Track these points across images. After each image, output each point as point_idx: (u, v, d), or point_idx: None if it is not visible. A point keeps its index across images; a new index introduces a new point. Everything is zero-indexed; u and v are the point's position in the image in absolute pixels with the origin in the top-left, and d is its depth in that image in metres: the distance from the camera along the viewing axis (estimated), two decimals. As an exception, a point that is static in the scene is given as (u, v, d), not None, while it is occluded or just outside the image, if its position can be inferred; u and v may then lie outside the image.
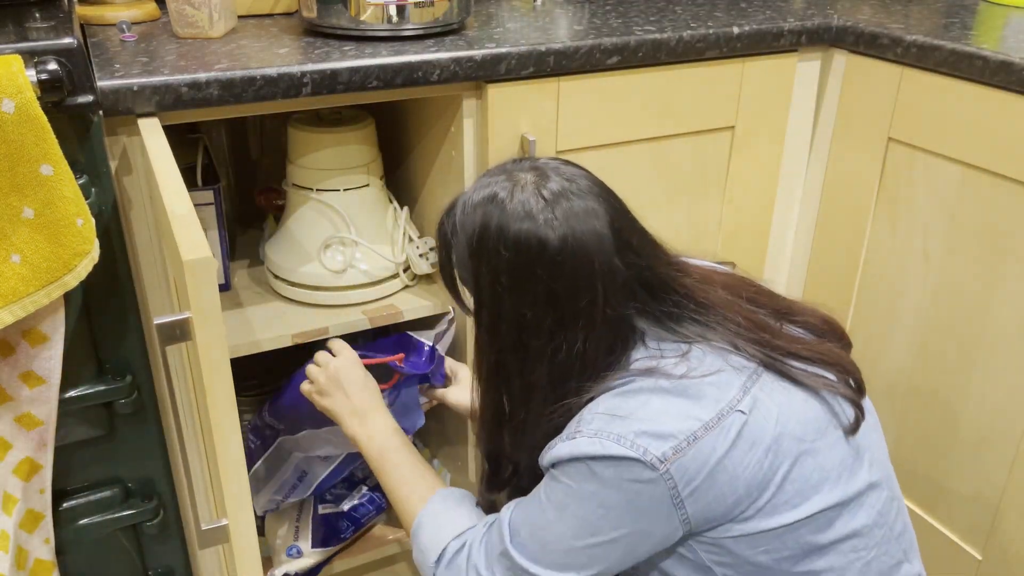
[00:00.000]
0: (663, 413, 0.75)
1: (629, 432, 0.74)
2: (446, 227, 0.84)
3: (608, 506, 0.76)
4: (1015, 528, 1.20)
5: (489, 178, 0.81)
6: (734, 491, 0.76)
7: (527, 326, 0.79)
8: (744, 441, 0.75)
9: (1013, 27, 1.24)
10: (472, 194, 0.81)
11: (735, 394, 0.77)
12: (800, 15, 1.30)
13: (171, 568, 1.16)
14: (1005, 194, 1.12)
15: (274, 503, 1.21)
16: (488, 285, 0.79)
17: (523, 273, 0.77)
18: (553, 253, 0.76)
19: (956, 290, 1.21)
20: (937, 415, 1.28)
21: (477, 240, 0.79)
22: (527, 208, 0.76)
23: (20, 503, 0.97)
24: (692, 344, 0.80)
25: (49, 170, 0.83)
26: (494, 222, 0.77)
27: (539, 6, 1.34)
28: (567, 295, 0.77)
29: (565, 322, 0.78)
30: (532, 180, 0.78)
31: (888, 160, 1.27)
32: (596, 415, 0.77)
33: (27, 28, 0.91)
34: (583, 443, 0.76)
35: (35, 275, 0.86)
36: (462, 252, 0.82)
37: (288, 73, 0.97)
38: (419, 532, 0.91)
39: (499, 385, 0.84)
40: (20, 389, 0.92)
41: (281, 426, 1.15)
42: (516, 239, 0.76)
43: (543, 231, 0.76)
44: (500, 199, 0.78)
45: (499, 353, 0.82)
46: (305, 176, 1.20)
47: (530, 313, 0.78)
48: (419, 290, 1.28)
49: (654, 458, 0.73)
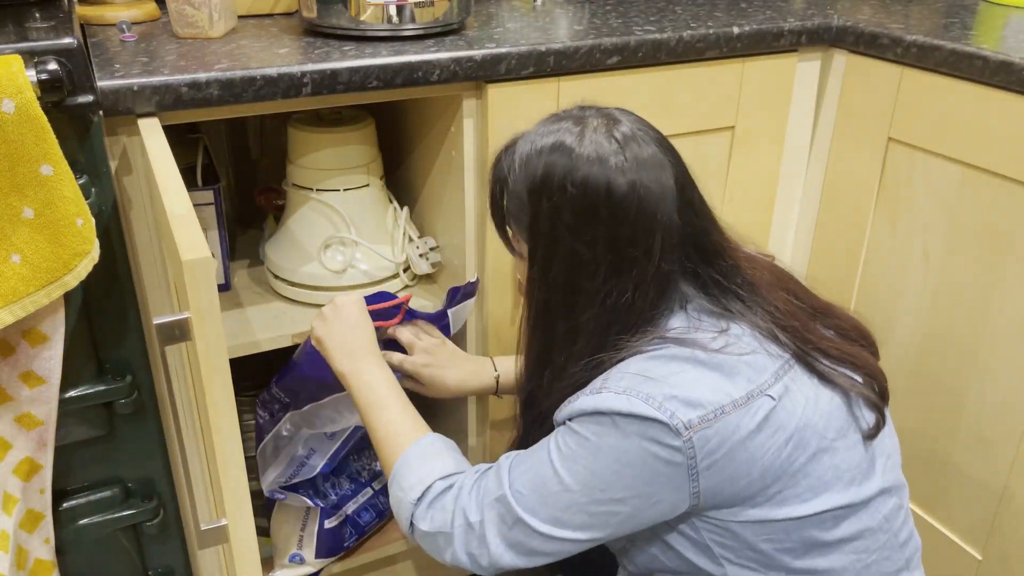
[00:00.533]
0: (695, 382, 0.74)
1: (659, 394, 0.74)
2: (503, 164, 0.84)
3: (623, 463, 0.75)
4: (1015, 528, 1.20)
5: (556, 123, 0.81)
6: (748, 474, 0.75)
7: (583, 267, 0.78)
8: (769, 426, 0.75)
9: (1013, 27, 1.24)
10: (537, 136, 0.80)
11: (767, 379, 0.77)
12: (800, 15, 1.30)
13: (171, 568, 1.16)
14: (1005, 194, 1.12)
15: (283, 480, 1.19)
16: (548, 224, 0.79)
17: (586, 215, 0.77)
18: (619, 198, 0.76)
19: (956, 290, 1.21)
20: (937, 415, 1.28)
21: (542, 180, 0.78)
22: (599, 151, 0.76)
23: (20, 503, 0.97)
24: (731, 321, 0.80)
25: (49, 170, 0.83)
26: (562, 163, 0.77)
27: (539, 6, 1.34)
28: (626, 241, 0.77)
29: (620, 268, 0.77)
30: (603, 124, 0.78)
31: (888, 160, 1.27)
32: (626, 374, 0.76)
33: (27, 28, 0.91)
34: (609, 398, 0.75)
35: (35, 275, 0.86)
36: (520, 190, 0.81)
37: (288, 73, 0.97)
38: (402, 469, 0.88)
39: (546, 325, 0.83)
40: (20, 389, 0.92)
41: (288, 399, 1.15)
42: (584, 181, 0.76)
43: (612, 175, 0.76)
44: (568, 143, 0.77)
45: (550, 292, 0.81)
46: (305, 176, 1.20)
47: (588, 255, 0.77)
48: (419, 290, 1.28)
49: (680, 423, 0.73)
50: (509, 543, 0.80)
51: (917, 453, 1.32)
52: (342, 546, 1.28)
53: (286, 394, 1.14)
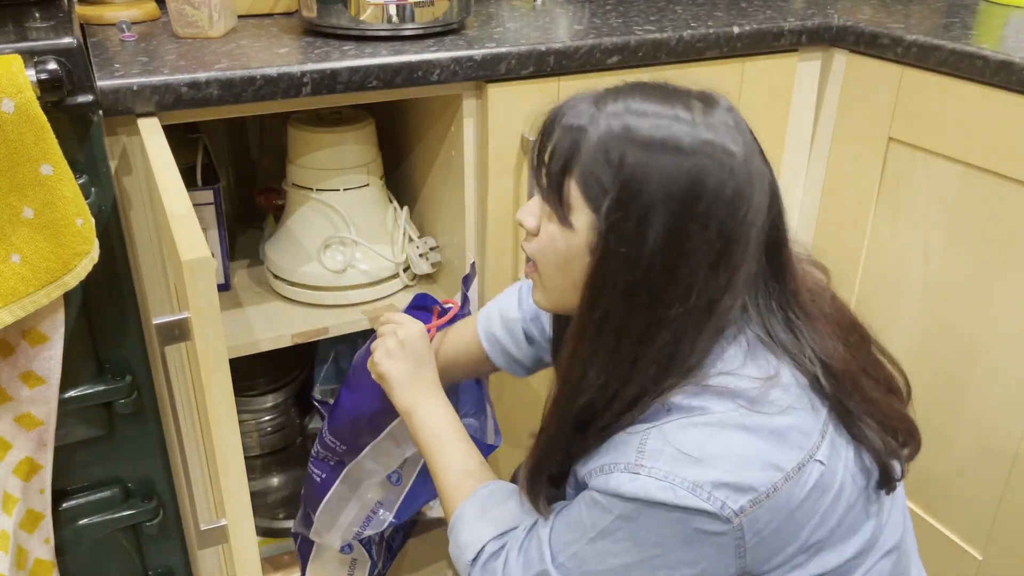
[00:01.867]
0: (744, 460, 0.69)
1: (706, 481, 0.68)
2: (581, 126, 0.71)
3: (667, 547, 0.71)
4: (1015, 528, 1.20)
5: (666, 105, 0.71)
6: (796, 539, 0.72)
7: (687, 253, 0.69)
8: (817, 490, 0.71)
9: (1013, 27, 1.24)
10: (634, 117, 0.70)
11: (815, 440, 0.72)
12: (800, 15, 1.30)
13: (171, 568, 1.16)
14: (1005, 194, 1.11)
15: (352, 534, 1.17)
16: (651, 197, 0.68)
17: (700, 196, 0.68)
18: (739, 182, 0.69)
19: (956, 290, 1.21)
20: (937, 415, 1.28)
21: (647, 167, 0.68)
22: (716, 136, 0.69)
23: (20, 503, 0.97)
24: (781, 361, 0.74)
25: (49, 170, 0.83)
26: (674, 157, 0.68)
27: (539, 6, 1.34)
28: (735, 233, 0.69)
29: (719, 262, 0.69)
30: (710, 106, 0.72)
31: (888, 160, 1.27)
32: (665, 448, 0.70)
33: (27, 28, 0.91)
34: (651, 486, 0.69)
35: (35, 275, 0.86)
36: (608, 157, 0.70)
37: (288, 73, 0.97)
38: (458, 526, 0.85)
39: (624, 312, 0.71)
40: (20, 389, 0.92)
41: (343, 447, 1.12)
42: (704, 168, 0.68)
43: (732, 161, 0.69)
44: (679, 132, 0.69)
45: (639, 274, 0.69)
46: (305, 176, 1.20)
47: (697, 239, 0.68)
48: (419, 290, 1.28)
49: (731, 512, 0.68)
50: None
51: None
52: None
53: (340, 440, 1.10)
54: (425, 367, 0.97)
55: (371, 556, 1.21)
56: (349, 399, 1.08)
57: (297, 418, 1.54)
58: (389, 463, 1.09)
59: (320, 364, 1.51)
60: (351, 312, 1.20)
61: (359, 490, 1.12)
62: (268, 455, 1.50)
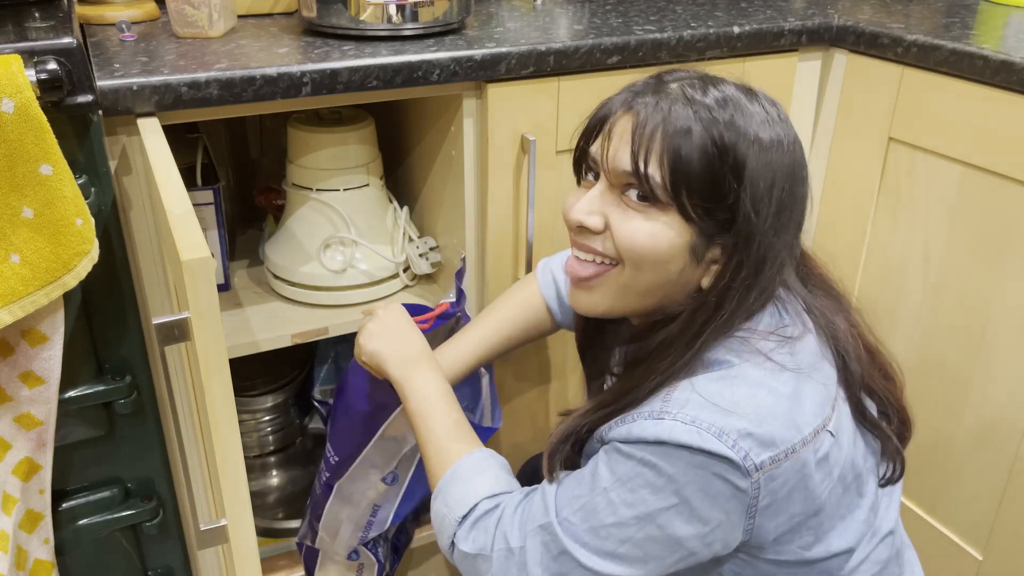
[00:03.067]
0: (768, 415, 0.69)
1: (732, 429, 0.68)
2: (686, 139, 0.72)
3: (684, 497, 0.70)
4: (1015, 528, 1.20)
5: (751, 106, 0.74)
6: (804, 511, 0.73)
7: (789, 227, 0.75)
8: (827, 464, 0.72)
9: (1013, 27, 1.24)
10: (735, 116, 0.72)
11: (828, 412, 0.73)
12: (800, 15, 1.30)
13: (170, 568, 1.16)
14: (1005, 194, 1.11)
15: (356, 540, 1.16)
16: (768, 209, 0.73)
17: (792, 200, 0.75)
18: (804, 164, 0.76)
19: (956, 290, 1.21)
20: (937, 415, 1.28)
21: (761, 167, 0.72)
22: (794, 134, 0.76)
23: (19, 503, 0.97)
24: (806, 329, 0.77)
25: (48, 170, 0.83)
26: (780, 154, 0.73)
27: (539, 6, 1.34)
28: (803, 204, 0.76)
29: (794, 244, 0.77)
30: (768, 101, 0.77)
31: (888, 160, 1.27)
32: (692, 397, 0.70)
33: (27, 28, 0.91)
34: (678, 428, 0.68)
35: (34, 275, 0.86)
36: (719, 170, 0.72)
37: (288, 73, 0.97)
38: (449, 484, 0.83)
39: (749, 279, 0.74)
40: (19, 389, 0.92)
41: (336, 458, 1.10)
42: (795, 166, 0.75)
43: (800, 150, 0.76)
44: (779, 136, 0.74)
45: (770, 250, 0.73)
46: (305, 176, 1.20)
47: (795, 213, 0.75)
48: (419, 290, 1.28)
49: (752, 465, 0.68)
50: (551, 574, 0.75)
51: (917, 453, 1.32)
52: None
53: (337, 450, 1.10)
54: (411, 339, 0.96)
55: (378, 559, 1.22)
56: (342, 405, 1.08)
57: (297, 418, 1.54)
58: (386, 464, 1.09)
59: (320, 364, 1.51)
60: (351, 312, 1.20)
61: (353, 500, 1.12)
62: (268, 455, 1.50)
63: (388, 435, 1.05)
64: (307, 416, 1.57)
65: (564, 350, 1.30)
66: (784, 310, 0.77)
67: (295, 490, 1.45)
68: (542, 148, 1.14)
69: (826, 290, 0.82)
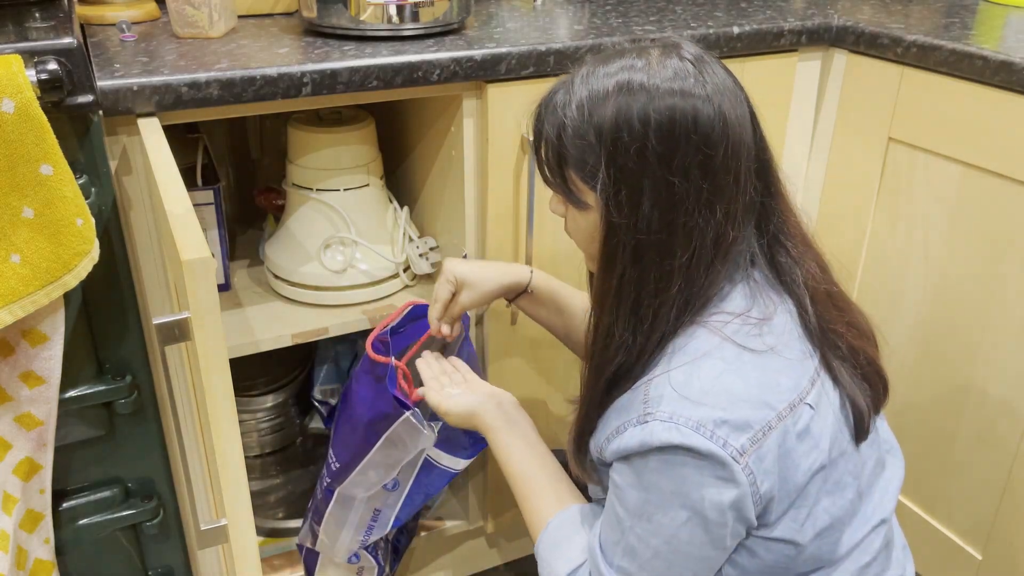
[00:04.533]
0: (739, 399, 0.71)
1: (708, 420, 0.70)
2: (558, 112, 0.75)
3: (694, 509, 0.72)
4: (1015, 528, 1.20)
5: (618, 60, 0.74)
6: (795, 486, 0.74)
7: (677, 202, 0.72)
8: (810, 438, 0.74)
9: (1013, 27, 1.24)
10: (601, 78, 0.73)
11: (805, 386, 0.75)
12: (800, 15, 1.30)
13: (171, 568, 1.16)
14: (1005, 194, 1.11)
15: (357, 543, 1.17)
16: (635, 162, 0.72)
17: (676, 147, 0.71)
18: (707, 125, 0.71)
19: (956, 290, 1.21)
20: (937, 415, 1.28)
21: (618, 121, 0.72)
22: (677, 81, 0.72)
23: (20, 503, 0.97)
24: (780, 304, 0.78)
25: (49, 170, 0.83)
26: (640, 99, 0.71)
27: (539, 6, 1.34)
28: (719, 169, 0.72)
29: (712, 199, 0.73)
30: (669, 51, 0.74)
31: (888, 160, 1.27)
32: (667, 392, 0.73)
33: (27, 28, 0.91)
34: (658, 428, 0.71)
35: (35, 275, 0.86)
36: (587, 134, 0.73)
37: (288, 73, 0.97)
38: (541, 566, 0.87)
39: (638, 271, 0.75)
40: (20, 389, 0.92)
41: (338, 462, 1.11)
42: (669, 113, 0.71)
43: (697, 103, 0.71)
44: (639, 80, 0.72)
45: (642, 233, 0.74)
46: (305, 176, 1.20)
47: (682, 187, 0.72)
48: (419, 290, 1.28)
49: (734, 451, 0.70)
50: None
51: (917, 452, 1.32)
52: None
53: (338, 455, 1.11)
54: (486, 384, 1.00)
55: (378, 562, 1.22)
56: (346, 412, 1.08)
57: (297, 418, 1.54)
58: (389, 470, 1.09)
59: (320, 364, 1.51)
60: (351, 312, 1.21)
61: (354, 505, 1.12)
62: (268, 455, 1.50)
63: (391, 443, 1.05)
64: (307, 416, 1.57)
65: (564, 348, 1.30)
66: (754, 286, 0.78)
67: (295, 490, 1.45)
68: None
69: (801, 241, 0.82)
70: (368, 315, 1.20)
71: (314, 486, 1.43)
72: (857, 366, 0.81)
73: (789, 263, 0.80)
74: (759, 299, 0.77)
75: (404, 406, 1.00)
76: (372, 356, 1.04)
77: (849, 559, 0.80)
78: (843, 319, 0.82)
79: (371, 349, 1.05)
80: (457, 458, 1.14)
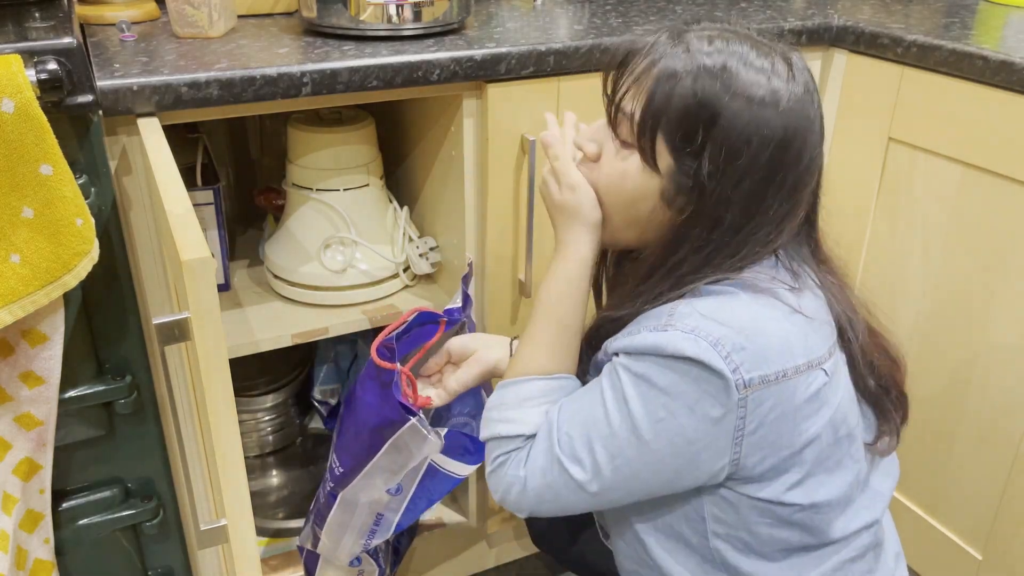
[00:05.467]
0: (767, 333, 0.71)
1: (728, 340, 0.70)
2: (676, 80, 0.72)
3: (672, 412, 0.71)
4: (1015, 528, 1.20)
5: (756, 58, 0.72)
6: (790, 446, 0.73)
7: (760, 209, 0.73)
8: (818, 401, 0.73)
9: (1013, 27, 1.24)
10: (732, 69, 0.71)
11: (824, 353, 0.75)
12: (800, 15, 1.30)
13: (171, 568, 1.16)
14: (1005, 194, 1.11)
15: (359, 547, 1.17)
16: (745, 164, 0.72)
17: (782, 162, 0.72)
18: (815, 140, 0.74)
19: (956, 290, 1.21)
20: (937, 415, 1.28)
21: (746, 121, 0.71)
22: (799, 104, 0.72)
23: (20, 503, 0.97)
24: (804, 287, 0.78)
25: (49, 170, 0.83)
26: (772, 110, 0.71)
27: (539, 6, 1.34)
28: (805, 186, 0.75)
29: (785, 217, 0.75)
30: (794, 62, 0.74)
31: (888, 160, 1.27)
32: (693, 312, 0.72)
33: (27, 28, 0.91)
34: (676, 336, 0.70)
35: (35, 275, 0.86)
36: (704, 115, 0.71)
37: (288, 73, 0.97)
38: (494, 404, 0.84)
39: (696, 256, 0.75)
40: (20, 389, 0.92)
41: (342, 466, 1.11)
42: (792, 133, 0.72)
43: (813, 129, 0.74)
44: (774, 87, 0.71)
45: (711, 224, 0.74)
46: (305, 176, 1.20)
47: (771, 198, 0.73)
48: (419, 290, 1.28)
49: (742, 380, 0.69)
50: (545, 483, 0.78)
51: (917, 453, 1.32)
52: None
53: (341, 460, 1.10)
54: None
55: (378, 564, 1.21)
56: (350, 418, 1.08)
57: (297, 418, 1.54)
58: (392, 476, 1.08)
59: (320, 364, 1.51)
60: (351, 312, 1.21)
61: (357, 509, 1.12)
62: (268, 455, 1.50)
63: (396, 448, 1.05)
64: (307, 416, 1.57)
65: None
66: (790, 270, 0.78)
67: (295, 490, 1.45)
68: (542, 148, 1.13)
69: (834, 274, 0.83)
70: (368, 315, 1.20)
71: (314, 487, 1.44)
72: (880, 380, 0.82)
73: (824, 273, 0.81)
74: (787, 273, 0.78)
75: (409, 412, 1.00)
76: (377, 362, 1.04)
77: (835, 548, 0.80)
78: (871, 337, 0.83)
79: (376, 355, 1.04)
80: (462, 464, 1.14)
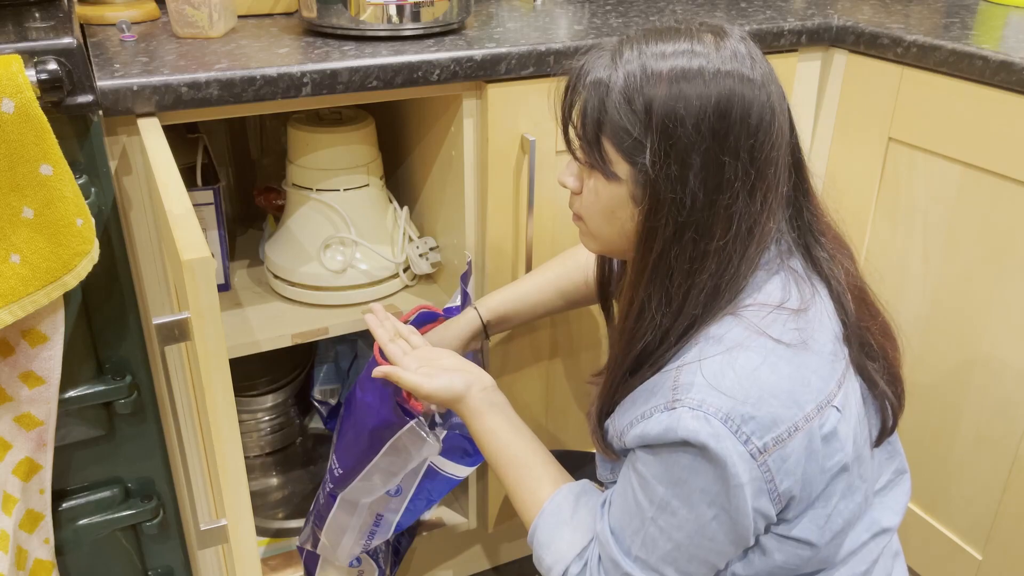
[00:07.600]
0: (770, 394, 0.71)
1: (736, 414, 0.70)
2: (604, 80, 0.74)
3: (723, 508, 0.72)
4: (1015, 528, 1.20)
5: (673, 42, 0.73)
6: (818, 484, 0.74)
7: (724, 185, 0.72)
8: (836, 440, 0.74)
9: (1013, 27, 1.24)
10: (654, 58, 0.72)
11: (833, 387, 0.74)
12: (800, 15, 1.30)
13: (171, 568, 1.16)
14: (1005, 194, 1.11)
15: (360, 548, 1.16)
16: (687, 142, 0.71)
17: (729, 132, 0.71)
18: (760, 112, 0.72)
19: (956, 290, 1.21)
20: (937, 415, 1.28)
21: (674, 103, 0.71)
22: (734, 66, 0.71)
23: (20, 503, 0.97)
24: (815, 297, 0.77)
25: (49, 170, 0.83)
26: (698, 80, 0.70)
27: (539, 6, 1.34)
28: (765, 159, 0.73)
29: (754, 188, 0.73)
30: (722, 36, 0.74)
31: (888, 160, 1.27)
32: (697, 380, 0.72)
33: (27, 28, 0.91)
34: (685, 416, 0.70)
35: (35, 275, 0.86)
36: (638, 109, 0.72)
37: (288, 73, 0.97)
38: (539, 549, 0.85)
39: (674, 250, 0.75)
40: (20, 389, 0.92)
41: (341, 468, 1.11)
42: (727, 99, 0.71)
43: (753, 90, 0.72)
44: (696, 61, 0.71)
45: (685, 213, 0.73)
46: (305, 176, 1.20)
47: (731, 171, 0.72)
48: (419, 290, 1.28)
49: (755, 449, 0.70)
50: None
51: (917, 453, 1.32)
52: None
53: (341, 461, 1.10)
54: (465, 364, 0.95)
55: (378, 565, 1.21)
56: (350, 420, 1.08)
57: (297, 418, 1.54)
58: (392, 477, 1.08)
59: (320, 364, 1.51)
60: (351, 312, 1.21)
61: (357, 510, 1.12)
62: (268, 455, 1.50)
63: (395, 450, 1.04)
64: (307, 416, 1.57)
65: (562, 349, 1.30)
66: (792, 275, 0.78)
67: (295, 490, 1.45)
68: (542, 148, 1.14)
69: (833, 239, 0.82)
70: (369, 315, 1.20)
71: (314, 487, 1.44)
72: (884, 367, 0.82)
73: (824, 257, 0.80)
74: (796, 289, 0.77)
75: (408, 414, 1.00)
76: (380, 362, 1.04)
77: (845, 565, 0.80)
78: (871, 316, 0.82)
79: (378, 355, 1.04)
80: (461, 465, 1.14)
